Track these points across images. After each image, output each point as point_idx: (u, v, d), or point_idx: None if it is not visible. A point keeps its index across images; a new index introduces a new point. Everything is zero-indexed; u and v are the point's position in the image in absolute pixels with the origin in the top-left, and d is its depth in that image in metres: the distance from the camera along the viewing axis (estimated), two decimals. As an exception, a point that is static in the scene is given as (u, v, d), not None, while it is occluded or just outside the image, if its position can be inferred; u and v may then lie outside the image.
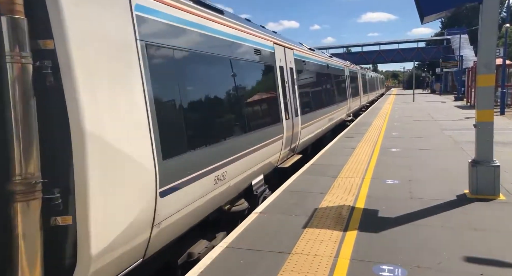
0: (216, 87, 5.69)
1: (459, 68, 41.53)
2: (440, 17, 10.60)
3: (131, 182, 3.40)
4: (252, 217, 5.69)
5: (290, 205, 6.18)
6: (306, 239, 4.77)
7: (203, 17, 5.17)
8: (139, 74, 3.59)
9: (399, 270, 3.90)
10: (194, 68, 4.94)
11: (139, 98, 3.56)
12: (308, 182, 7.64)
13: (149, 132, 3.62)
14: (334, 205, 6.06)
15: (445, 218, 5.31)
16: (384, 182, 7.32)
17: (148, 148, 3.59)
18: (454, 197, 6.22)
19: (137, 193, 3.45)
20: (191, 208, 4.44)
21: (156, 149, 3.69)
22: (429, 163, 8.81)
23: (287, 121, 8.58)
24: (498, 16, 6.30)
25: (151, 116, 3.66)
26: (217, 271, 4.05)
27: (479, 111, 6.22)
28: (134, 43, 3.59)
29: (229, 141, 5.58)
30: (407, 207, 5.82)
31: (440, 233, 4.81)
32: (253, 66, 7.28)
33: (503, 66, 21.39)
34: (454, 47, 54.33)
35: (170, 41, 4.37)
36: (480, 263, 3.99)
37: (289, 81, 9.26)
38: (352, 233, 4.91)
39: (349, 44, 75.25)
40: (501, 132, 12.45)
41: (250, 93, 6.99)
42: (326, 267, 4.02)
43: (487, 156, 6.15)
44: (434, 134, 13.47)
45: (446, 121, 17.78)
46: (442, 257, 4.14)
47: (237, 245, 4.69)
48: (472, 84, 27.13)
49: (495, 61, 6.51)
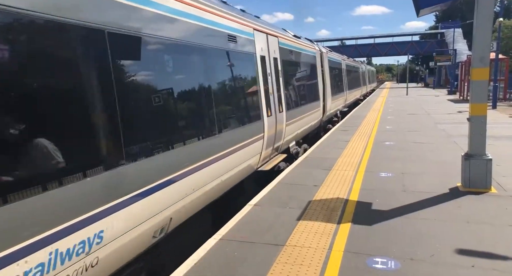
0: (174, 80, 4.71)
1: (452, 62, 41.74)
2: (435, 11, 10.60)
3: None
4: (246, 209, 5.68)
5: (284, 197, 6.19)
6: (300, 231, 4.78)
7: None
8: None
9: (392, 262, 3.93)
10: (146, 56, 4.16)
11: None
12: (302, 174, 7.65)
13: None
14: (328, 197, 6.08)
15: (437, 211, 5.35)
16: (377, 175, 7.35)
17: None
18: (447, 190, 6.27)
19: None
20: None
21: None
22: (422, 156, 8.86)
23: (269, 118, 7.70)
24: (493, 10, 6.31)
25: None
26: (211, 263, 4.05)
27: (472, 105, 6.25)
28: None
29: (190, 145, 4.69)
30: (400, 200, 5.86)
31: (433, 225, 4.85)
32: (226, 56, 6.21)
33: (496, 60, 21.53)
34: (448, 41, 54.56)
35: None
36: (471, 255, 4.03)
37: (272, 73, 8.25)
38: (345, 225, 4.93)
39: (343, 37, 75.13)
40: (493, 126, 12.55)
41: (220, 88, 6.03)
42: (319, 259, 4.04)
43: (479, 150, 6.20)
44: (427, 128, 13.55)
45: (440, 115, 17.89)
46: (434, 249, 4.18)
47: (231, 237, 4.69)
48: (465, 78, 27.31)
49: (489, 55, 6.52)
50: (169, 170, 4.18)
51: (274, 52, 8.64)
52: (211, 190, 5.30)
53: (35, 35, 2.78)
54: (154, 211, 3.89)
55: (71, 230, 2.83)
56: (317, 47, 14.81)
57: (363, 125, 14.88)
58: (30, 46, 2.74)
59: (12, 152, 2.57)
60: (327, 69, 15.56)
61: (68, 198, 2.85)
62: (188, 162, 4.59)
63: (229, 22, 6.34)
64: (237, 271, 3.86)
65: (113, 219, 3.27)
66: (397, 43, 66.22)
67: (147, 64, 4.14)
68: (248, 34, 7.18)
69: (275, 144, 8.39)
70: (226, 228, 4.97)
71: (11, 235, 2.43)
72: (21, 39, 2.70)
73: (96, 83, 3.30)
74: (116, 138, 3.42)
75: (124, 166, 3.45)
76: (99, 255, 3.15)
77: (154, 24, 4.19)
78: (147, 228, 3.82)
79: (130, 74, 3.84)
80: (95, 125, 3.27)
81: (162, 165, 4.08)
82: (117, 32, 3.50)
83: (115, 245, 3.34)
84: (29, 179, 2.60)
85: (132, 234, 3.56)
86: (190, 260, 4.14)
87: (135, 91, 3.93)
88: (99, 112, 3.29)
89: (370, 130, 13.49)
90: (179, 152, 4.42)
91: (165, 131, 4.35)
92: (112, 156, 3.38)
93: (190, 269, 3.93)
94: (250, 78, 7.19)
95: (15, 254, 2.42)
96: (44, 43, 2.85)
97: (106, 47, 3.36)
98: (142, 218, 3.71)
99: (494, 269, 3.73)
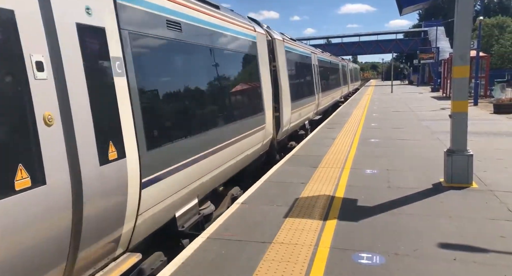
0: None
1: (435, 59, 42.50)
2: (417, 9, 10.77)
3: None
4: (234, 207, 5.70)
5: (272, 195, 6.23)
6: (287, 229, 4.82)
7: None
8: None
9: (377, 257, 4.00)
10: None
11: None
12: (289, 172, 7.70)
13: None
14: (314, 194, 6.15)
15: (421, 206, 5.47)
16: (363, 172, 7.46)
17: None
18: (430, 185, 6.41)
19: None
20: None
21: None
22: (406, 153, 9.02)
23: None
24: (473, 8, 6.46)
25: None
26: (198, 262, 4.06)
27: (454, 102, 6.39)
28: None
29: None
30: (385, 196, 5.96)
31: (417, 220, 4.96)
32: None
33: (477, 58, 22.01)
34: (431, 39, 55.51)
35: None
36: (453, 248, 4.14)
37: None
38: (332, 222, 5.00)
39: (329, 36, 75.69)
40: (475, 123, 12.86)
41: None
42: (306, 256, 4.09)
43: (461, 146, 6.35)
44: (411, 125, 13.79)
45: (423, 112, 18.21)
46: (418, 244, 4.28)
47: (219, 235, 4.71)
48: (448, 76, 27.85)
49: (470, 53, 6.68)
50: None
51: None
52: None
53: None
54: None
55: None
56: (262, 29, 9.45)
57: (349, 123, 15.04)
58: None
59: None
60: (283, 64, 10.63)
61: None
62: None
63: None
64: (224, 269, 3.88)
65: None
66: (381, 41, 67.13)
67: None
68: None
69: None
70: (213, 227, 4.98)
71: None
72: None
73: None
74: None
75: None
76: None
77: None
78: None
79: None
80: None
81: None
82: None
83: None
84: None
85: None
86: (178, 259, 4.14)
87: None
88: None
89: (356, 127, 13.65)
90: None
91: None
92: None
93: (178, 268, 3.93)
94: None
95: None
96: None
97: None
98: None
99: (474, 261, 3.84)
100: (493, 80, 24.95)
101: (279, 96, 10.02)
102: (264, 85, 8.70)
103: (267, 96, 8.86)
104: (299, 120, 12.54)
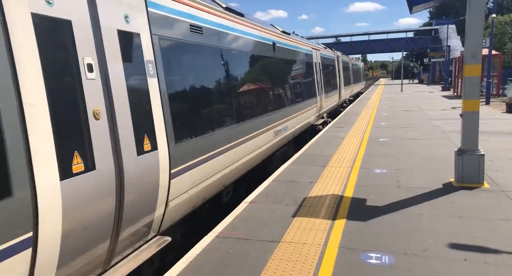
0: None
1: (446, 58, 41.96)
2: (428, 7, 10.67)
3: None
4: (242, 206, 5.71)
5: (280, 194, 6.22)
6: (296, 228, 4.82)
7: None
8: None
9: (386, 257, 3.98)
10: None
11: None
12: (297, 171, 7.69)
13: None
14: (323, 194, 6.13)
15: (431, 206, 5.42)
16: (372, 171, 7.41)
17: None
18: (441, 185, 6.34)
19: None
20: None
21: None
22: (416, 152, 8.94)
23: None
24: (485, 6, 6.35)
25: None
26: (206, 260, 4.07)
27: (465, 101, 6.30)
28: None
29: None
30: (394, 195, 5.92)
31: (427, 221, 4.91)
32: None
33: (489, 56, 21.68)
34: (441, 37, 54.84)
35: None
36: (464, 249, 4.09)
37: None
38: (340, 221, 4.98)
39: (338, 34, 75.25)
40: (486, 122, 12.68)
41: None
42: (315, 255, 4.08)
43: (472, 145, 6.26)
44: (421, 124, 13.64)
45: (434, 111, 18.01)
46: (428, 244, 4.24)
47: (227, 234, 4.72)
48: (459, 75, 27.47)
49: (482, 51, 6.58)
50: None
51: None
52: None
53: None
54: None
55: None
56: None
57: (358, 122, 14.94)
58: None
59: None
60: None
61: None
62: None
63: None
64: (233, 268, 3.89)
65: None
66: (391, 40, 66.48)
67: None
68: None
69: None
70: (221, 226, 4.99)
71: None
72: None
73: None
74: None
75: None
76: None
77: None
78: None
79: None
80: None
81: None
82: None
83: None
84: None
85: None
86: (186, 257, 4.17)
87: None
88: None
89: (365, 126, 13.56)
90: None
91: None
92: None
93: (186, 266, 3.96)
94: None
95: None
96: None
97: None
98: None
99: (485, 262, 3.79)
100: (505, 79, 24.57)
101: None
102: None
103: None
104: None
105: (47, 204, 2.69)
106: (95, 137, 3.11)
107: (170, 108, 4.32)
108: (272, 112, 8.68)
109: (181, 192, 4.54)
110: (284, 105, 9.87)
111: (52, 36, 2.89)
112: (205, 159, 5.12)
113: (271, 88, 9.10)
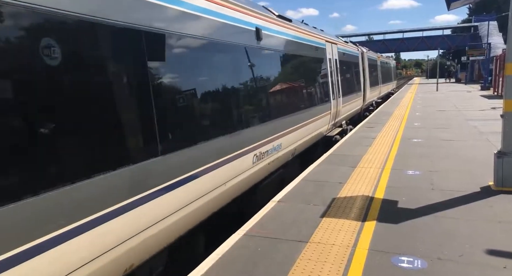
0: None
1: (486, 56, 40.07)
2: (467, 3, 10.22)
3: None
4: (270, 205, 5.71)
5: (308, 194, 6.17)
6: (324, 228, 4.76)
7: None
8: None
9: (418, 261, 3.85)
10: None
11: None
12: (326, 171, 7.59)
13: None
14: (352, 195, 6.02)
15: (467, 210, 5.19)
16: (404, 173, 7.19)
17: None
18: (478, 189, 6.06)
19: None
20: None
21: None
22: (452, 154, 8.59)
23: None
24: (530, 0, 6.01)
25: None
26: (234, 258, 4.10)
27: (506, 101, 6.00)
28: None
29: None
30: (428, 198, 5.71)
31: (462, 225, 4.71)
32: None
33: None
34: (481, 34, 52.36)
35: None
36: (503, 256, 3.89)
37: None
38: (370, 223, 4.87)
39: (371, 32, 73.56)
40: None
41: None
42: (343, 257, 4.01)
43: (514, 147, 5.95)
44: (457, 125, 13.11)
45: (471, 111, 17.25)
46: (464, 249, 4.06)
47: (255, 233, 4.73)
48: (500, 73, 26.14)
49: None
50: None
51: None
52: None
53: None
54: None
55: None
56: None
57: (390, 122, 14.56)
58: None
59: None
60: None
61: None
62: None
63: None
64: (261, 266, 3.90)
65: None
66: (427, 38, 64.15)
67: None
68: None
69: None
70: (249, 224, 5.01)
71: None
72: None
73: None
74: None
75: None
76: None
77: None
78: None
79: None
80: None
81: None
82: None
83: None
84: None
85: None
86: (215, 254, 4.21)
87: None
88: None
89: (397, 127, 13.19)
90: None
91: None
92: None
93: (215, 263, 4.00)
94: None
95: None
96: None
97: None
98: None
99: (527, 271, 3.58)
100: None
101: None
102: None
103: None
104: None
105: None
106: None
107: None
108: (250, 127, 6.02)
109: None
110: (275, 115, 7.09)
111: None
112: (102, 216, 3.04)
113: (251, 93, 6.43)
